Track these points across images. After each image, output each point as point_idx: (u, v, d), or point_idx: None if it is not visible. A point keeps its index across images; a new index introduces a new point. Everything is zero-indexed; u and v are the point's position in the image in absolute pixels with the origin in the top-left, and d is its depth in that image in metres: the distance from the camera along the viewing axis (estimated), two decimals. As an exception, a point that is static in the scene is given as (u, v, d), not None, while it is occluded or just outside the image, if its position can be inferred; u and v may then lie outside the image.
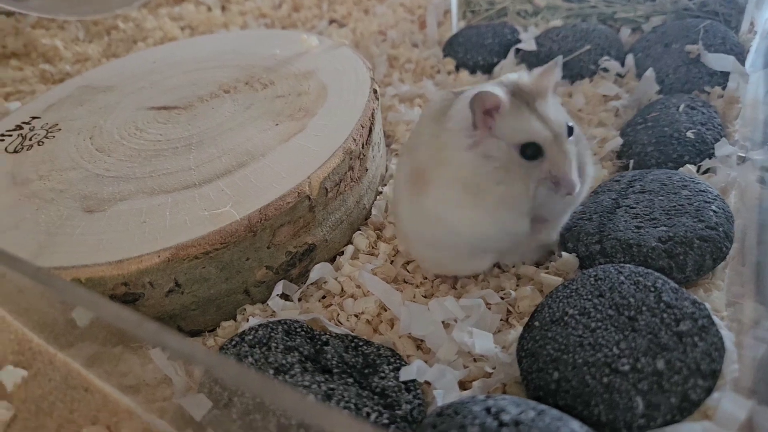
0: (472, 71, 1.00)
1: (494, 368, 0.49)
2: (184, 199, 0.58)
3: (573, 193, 0.48)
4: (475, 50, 1.01)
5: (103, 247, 0.53)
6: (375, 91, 0.72)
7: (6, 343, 0.46)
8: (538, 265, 0.61)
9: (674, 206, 0.58)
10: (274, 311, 0.57)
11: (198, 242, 0.53)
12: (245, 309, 0.58)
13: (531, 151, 0.47)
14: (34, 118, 0.75)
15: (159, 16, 1.35)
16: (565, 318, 0.46)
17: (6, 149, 0.69)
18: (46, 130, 0.72)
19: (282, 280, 0.60)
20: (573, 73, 0.90)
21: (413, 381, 0.46)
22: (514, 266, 0.61)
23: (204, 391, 0.43)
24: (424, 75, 1.01)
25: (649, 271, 0.49)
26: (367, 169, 0.67)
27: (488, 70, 1.00)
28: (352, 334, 0.52)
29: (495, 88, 0.47)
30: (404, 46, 1.10)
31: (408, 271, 0.63)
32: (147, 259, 0.51)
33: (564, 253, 0.59)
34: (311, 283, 0.61)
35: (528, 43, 0.98)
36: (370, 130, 0.67)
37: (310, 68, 0.78)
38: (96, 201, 0.59)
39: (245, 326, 0.55)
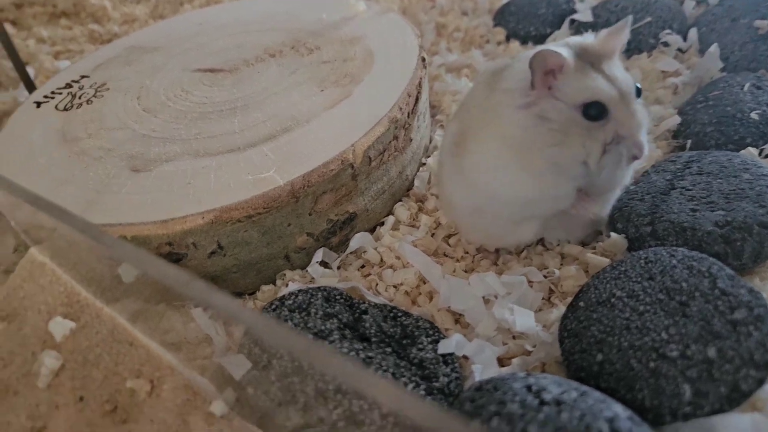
0: (524, 42, 0.97)
1: (534, 347, 0.48)
2: (228, 163, 0.58)
3: (641, 156, 0.45)
4: (528, 20, 0.98)
5: (148, 206, 0.54)
6: (423, 59, 0.70)
7: (56, 295, 0.47)
8: (584, 245, 0.60)
9: (734, 190, 0.55)
10: (313, 278, 0.58)
11: (241, 206, 0.53)
12: (285, 274, 0.58)
13: (595, 111, 0.44)
14: (83, 77, 0.76)
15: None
16: (612, 300, 0.45)
17: (56, 107, 0.71)
18: (95, 89, 0.73)
19: (322, 248, 0.59)
20: (630, 47, 0.86)
21: (451, 354, 0.46)
22: (558, 244, 0.60)
23: (244, 351, 0.43)
24: (472, 45, 0.98)
25: (704, 256, 0.47)
26: (411, 139, 0.66)
27: (540, 41, 0.96)
28: (390, 304, 0.52)
29: (559, 48, 0.45)
30: (453, 13, 1.07)
31: (449, 245, 0.62)
32: (191, 220, 0.52)
33: (613, 234, 0.57)
34: (351, 252, 0.61)
35: (584, 14, 0.94)
36: (417, 99, 0.66)
37: (357, 34, 0.77)
38: (142, 161, 0.60)
39: (284, 291, 0.55)
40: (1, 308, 0.47)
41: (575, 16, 0.94)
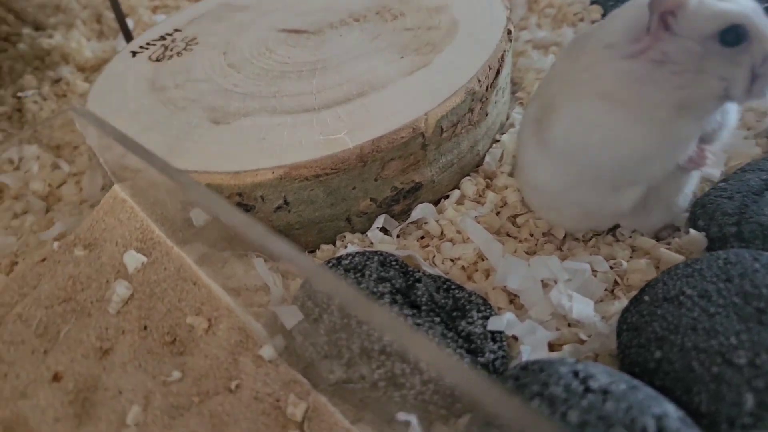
0: None
1: (589, 336, 0.47)
2: (303, 122, 0.59)
3: None
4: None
5: (223, 156, 0.56)
6: (509, 32, 0.68)
7: (132, 231, 0.50)
8: (658, 239, 0.56)
9: (837, 197, 0.51)
10: (372, 242, 0.58)
11: (310, 164, 0.54)
12: (345, 236, 0.59)
13: (734, 36, 0.41)
14: (176, 30, 0.80)
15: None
16: (681, 297, 0.42)
17: (149, 57, 0.74)
18: (186, 43, 0.76)
19: (384, 214, 0.60)
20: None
21: (501, 332, 0.45)
22: (630, 236, 0.57)
23: (297, 304, 0.45)
24: (565, 22, 0.94)
25: (791, 262, 0.44)
26: (487, 114, 0.64)
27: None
28: (445, 276, 0.52)
29: None
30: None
31: (514, 225, 0.60)
32: (262, 173, 0.54)
33: (692, 231, 0.54)
34: (412, 222, 0.61)
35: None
36: (498, 73, 0.64)
37: (442, 2, 0.75)
38: (222, 113, 0.62)
39: (343, 252, 0.56)
40: (85, 237, 0.50)
41: None
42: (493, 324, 0.44)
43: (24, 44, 0.92)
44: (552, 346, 0.47)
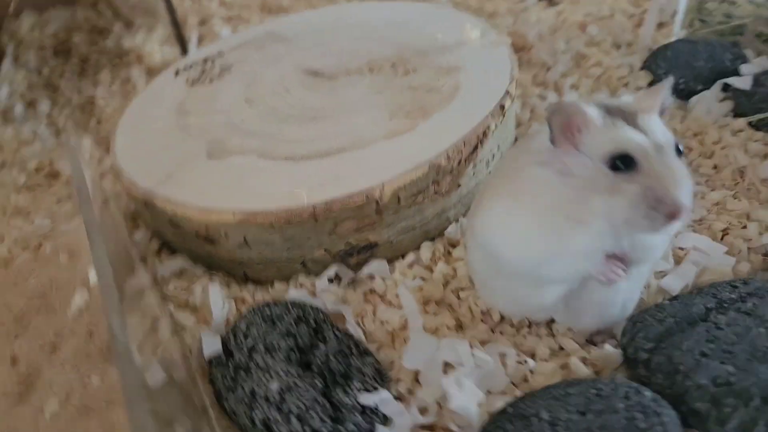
0: (682, 95, 0.87)
1: (461, 428, 0.49)
2: (281, 170, 0.65)
3: (678, 213, 0.40)
4: (681, 70, 0.88)
5: (201, 191, 0.64)
6: (502, 107, 0.69)
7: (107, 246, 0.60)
8: (593, 344, 0.57)
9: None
10: (315, 290, 0.63)
11: (267, 215, 0.60)
12: (298, 277, 0.65)
13: (622, 162, 0.41)
14: (220, 54, 0.89)
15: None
16: (533, 419, 0.44)
17: (187, 79, 0.84)
18: (221, 70, 0.85)
19: (336, 264, 0.65)
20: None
21: (376, 408, 0.49)
22: (566, 333, 0.58)
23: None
24: (608, 85, 0.91)
25: (662, 412, 0.44)
26: (459, 185, 0.67)
27: (686, 96, 0.87)
28: (359, 340, 0.56)
29: (582, 104, 0.44)
30: (604, 44, 1.00)
31: (458, 298, 0.63)
32: (224, 215, 0.61)
33: (607, 345, 0.54)
34: (367, 275, 0.65)
35: (743, 80, 0.82)
36: (476, 148, 0.66)
37: (458, 63, 0.77)
38: (220, 149, 0.70)
39: (291, 293, 0.62)
40: (70, 243, 0.61)
41: (730, 80, 0.83)
42: (364, 398, 0.49)
43: (111, 41, 1.06)
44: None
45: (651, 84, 0.89)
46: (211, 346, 0.54)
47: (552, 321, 0.59)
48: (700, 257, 0.62)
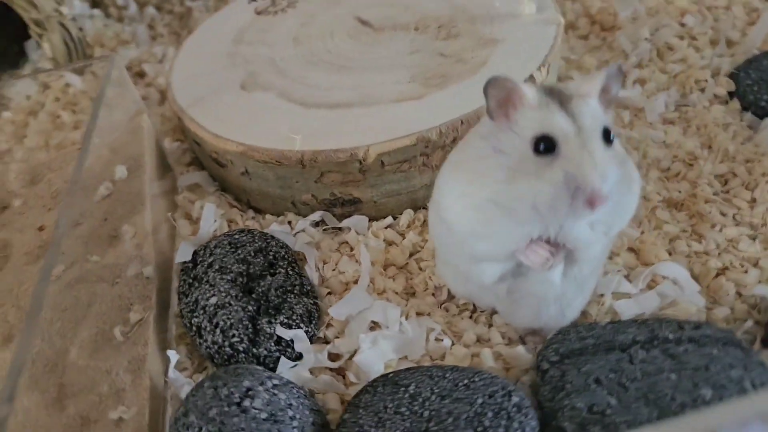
0: (746, 108, 0.79)
1: (357, 380, 0.55)
2: (291, 113, 0.70)
3: (597, 201, 0.39)
4: (766, 86, 0.78)
5: (222, 118, 0.71)
6: (518, 92, 0.68)
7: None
8: (524, 343, 0.59)
9: (670, 387, 0.47)
10: (298, 229, 0.70)
11: (263, 151, 0.66)
12: (286, 214, 0.72)
13: (543, 145, 0.41)
14: (293, -11, 0.93)
15: None
16: (401, 389, 0.49)
17: (255, 8, 0.90)
18: (287, 4, 0.90)
19: (322, 211, 0.70)
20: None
21: (291, 342, 0.56)
22: (502, 326, 0.60)
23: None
24: (682, 86, 0.83)
25: (524, 420, 0.46)
26: (453, 161, 0.68)
27: (764, 116, 0.77)
28: (308, 282, 0.62)
29: (519, 81, 0.43)
30: (702, 38, 0.90)
31: (419, 268, 0.66)
32: (230, 144, 0.68)
33: (520, 347, 0.55)
34: (346, 227, 0.70)
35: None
36: (478, 128, 0.66)
37: (499, 36, 0.76)
38: (251, 82, 0.76)
39: (273, 226, 0.69)
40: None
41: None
42: (280, 331, 0.55)
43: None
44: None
45: (732, 95, 0.81)
46: (183, 255, 0.64)
47: (495, 312, 0.61)
48: (670, 290, 0.59)
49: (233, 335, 0.55)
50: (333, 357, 0.58)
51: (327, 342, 0.59)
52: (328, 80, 0.74)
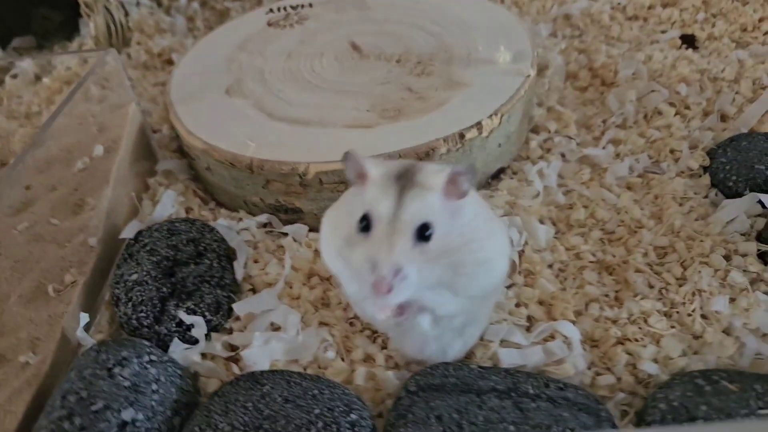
0: (715, 185, 0.77)
1: (240, 372, 0.60)
2: (257, 121, 0.77)
3: (379, 290, 0.42)
4: (740, 167, 0.75)
5: (199, 116, 0.79)
6: (462, 136, 0.71)
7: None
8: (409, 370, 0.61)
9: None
10: (241, 227, 0.76)
11: (220, 152, 0.73)
12: (239, 211, 0.78)
13: (364, 223, 0.44)
14: (310, 5, 1.00)
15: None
16: (257, 385, 0.53)
17: (269, 20, 0.97)
18: (298, 20, 0.96)
19: (269, 214, 0.76)
20: None
21: (190, 327, 0.62)
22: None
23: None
24: (657, 153, 0.83)
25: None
26: (392, 190, 0.72)
27: (730, 197, 0.75)
28: (228, 275, 0.68)
29: (369, 158, 0.47)
30: (695, 108, 0.88)
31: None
32: (196, 140, 0.75)
33: (391, 372, 0.58)
34: (286, 233, 0.76)
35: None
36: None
37: (468, 80, 0.79)
38: (236, 89, 0.83)
39: (219, 220, 0.76)
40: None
41: (763, 197, 0.71)
42: (182, 315, 0.61)
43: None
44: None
45: (705, 172, 0.79)
46: (128, 232, 0.71)
47: (392, 337, 0.64)
48: (558, 348, 0.60)
49: (141, 311, 0.61)
50: (230, 348, 0.63)
51: (231, 333, 0.65)
52: (298, 97, 0.80)
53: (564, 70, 0.99)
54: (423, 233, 0.44)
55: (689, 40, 1.04)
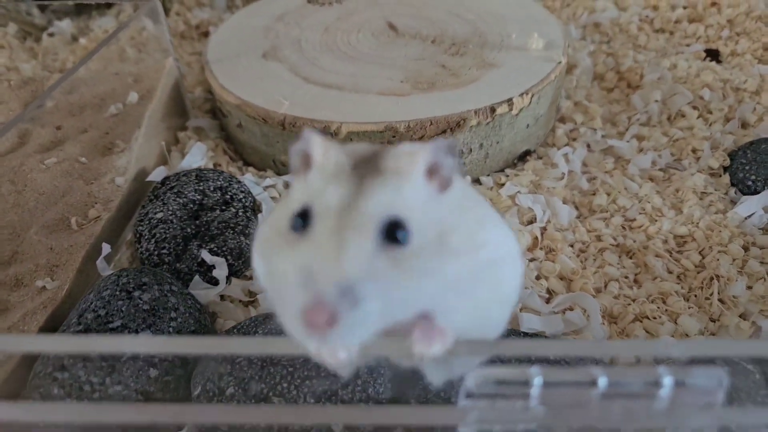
0: (734, 184, 0.78)
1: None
2: (292, 83, 0.78)
3: (310, 322, 0.26)
4: (761, 167, 0.77)
5: (235, 76, 0.80)
6: (493, 110, 0.72)
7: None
8: None
9: None
10: (267, 183, 0.76)
11: (251, 107, 0.74)
12: (267, 171, 0.79)
13: (300, 219, 0.29)
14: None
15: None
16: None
17: (308, -1, 0.99)
18: (336, 0, 0.98)
19: (290, 175, 0.77)
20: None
21: (212, 267, 0.62)
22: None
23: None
24: (680, 151, 0.84)
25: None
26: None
27: (749, 193, 0.76)
28: (253, 224, 0.68)
29: (324, 139, 0.32)
30: (717, 113, 0.89)
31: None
32: (230, 95, 0.76)
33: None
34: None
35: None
36: (445, 132, 0.71)
37: (500, 62, 0.80)
38: (272, 54, 0.85)
39: (246, 176, 0.76)
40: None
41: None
42: (204, 254, 0.61)
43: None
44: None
45: (725, 172, 0.80)
46: (156, 176, 0.72)
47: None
48: (580, 320, 0.61)
49: (164, 247, 0.62)
50: (249, 294, 0.63)
51: (250, 280, 0.65)
52: (333, 65, 0.81)
53: (592, 71, 1.00)
54: (392, 234, 0.29)
55: (713, 54, 1.06)
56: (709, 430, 0.28)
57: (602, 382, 0.23)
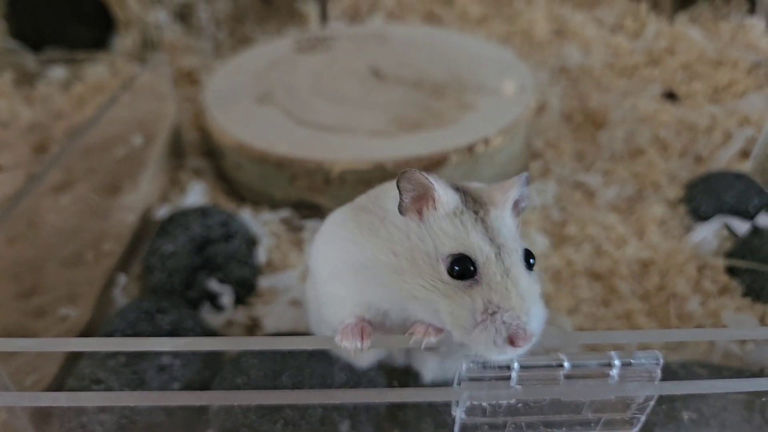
0: (690, 212, 0.87)
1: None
2: (285, 125, 0.85)
3: (523, 339, 0.34)
4: (711, 198, 0.85)
5: (231, 118, 0.86)
6: (470, 149, 0.79)
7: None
8: None
9: None
10: (263, 219, 0.82)
11: (248, 147, 0.81)
12: (262, 206, 0.85)
13: (461, 268, 0.36)
14: (336, 38, 1.10)
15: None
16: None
17: (297, 48, 1.07)
18: (325, 48, 1.06)
19: (290, 209, 0.83)
20: None
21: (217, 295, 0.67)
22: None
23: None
24: (640, 183, 0.92)
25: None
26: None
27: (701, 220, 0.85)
28: (254, 259, 0.74)
29: (438, 181, 0.38)
30: (671, 149, 0.99)
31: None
32: (228, 137, 0.83)
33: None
34: (307, 228, 0.82)
35: (740, 225, 0.80)
36: (428, 168, 0.78)
37: (478, 104, 0.88)
38: (267, 98, 0.92)
39: (244, 213, 0.82)
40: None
41: (728, 220, 0.81)
42: (211, 284, 0.67)
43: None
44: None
45: (680, 202, 0.89)
46: (163, 213, 0.78)
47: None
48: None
49: (175, 277, 0.67)
50: (252, 319, 0.69)
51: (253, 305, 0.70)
52: (325, 108, 0.89)
53: (560, 112, 1.10)
54: (528, 261, 0.37)
55: (671, 96, 1.16)
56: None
57: (567, 364, 0.30)
